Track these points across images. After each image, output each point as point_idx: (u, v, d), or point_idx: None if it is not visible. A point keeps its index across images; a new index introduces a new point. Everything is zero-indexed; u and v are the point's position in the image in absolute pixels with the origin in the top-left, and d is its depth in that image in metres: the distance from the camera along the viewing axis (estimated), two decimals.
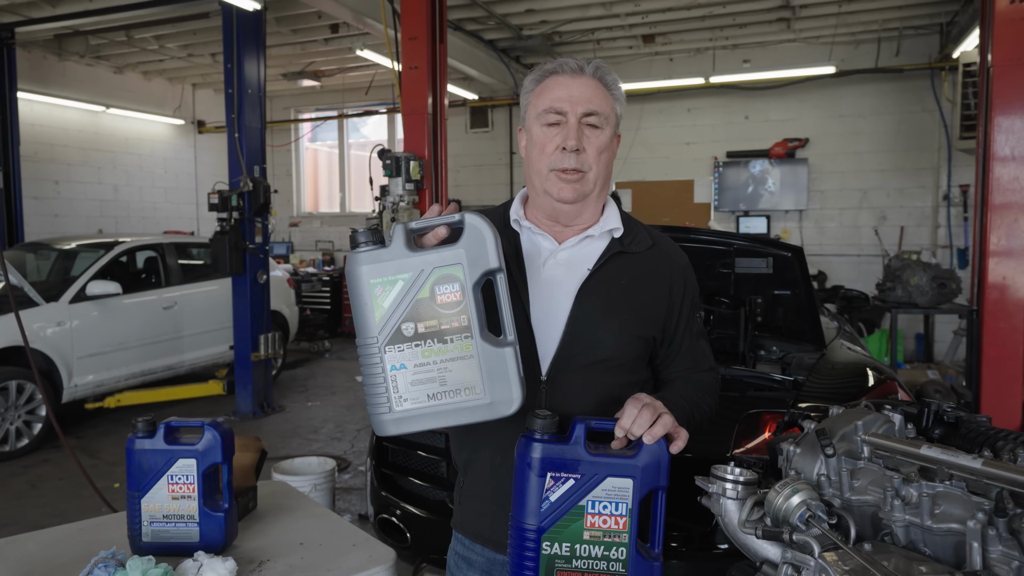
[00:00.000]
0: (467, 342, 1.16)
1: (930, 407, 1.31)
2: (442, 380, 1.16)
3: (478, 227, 1.17)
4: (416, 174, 4.96)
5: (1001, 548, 0.93)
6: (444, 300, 1.16)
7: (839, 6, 7.45)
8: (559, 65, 1.42)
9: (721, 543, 2.27)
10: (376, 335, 1.16)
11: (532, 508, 1.14)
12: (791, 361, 3.01)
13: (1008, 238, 3.78)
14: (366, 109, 11.09)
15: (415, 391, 1.16)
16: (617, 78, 1.46)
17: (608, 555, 1.14)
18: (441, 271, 1.16)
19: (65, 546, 1.59)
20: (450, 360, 1.16)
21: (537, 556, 1.14)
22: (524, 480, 1.15)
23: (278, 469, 3.67)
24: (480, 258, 1.16)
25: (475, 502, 1.48)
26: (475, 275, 1.16)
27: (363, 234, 1.18)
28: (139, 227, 10.29)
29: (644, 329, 1.43)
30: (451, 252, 1.16)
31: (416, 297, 1.16)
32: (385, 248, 1.17)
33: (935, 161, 8.40)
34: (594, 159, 1.39)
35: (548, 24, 8.05)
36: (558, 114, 1.39)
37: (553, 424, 1.16)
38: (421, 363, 1.16)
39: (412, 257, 1.16)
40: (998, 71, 3.77)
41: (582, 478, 1.14)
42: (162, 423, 1.55)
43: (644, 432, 1.16)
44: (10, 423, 5.32)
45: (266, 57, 6.51)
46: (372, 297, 1.16)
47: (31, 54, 8.65)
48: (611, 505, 1.14)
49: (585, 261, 1.43)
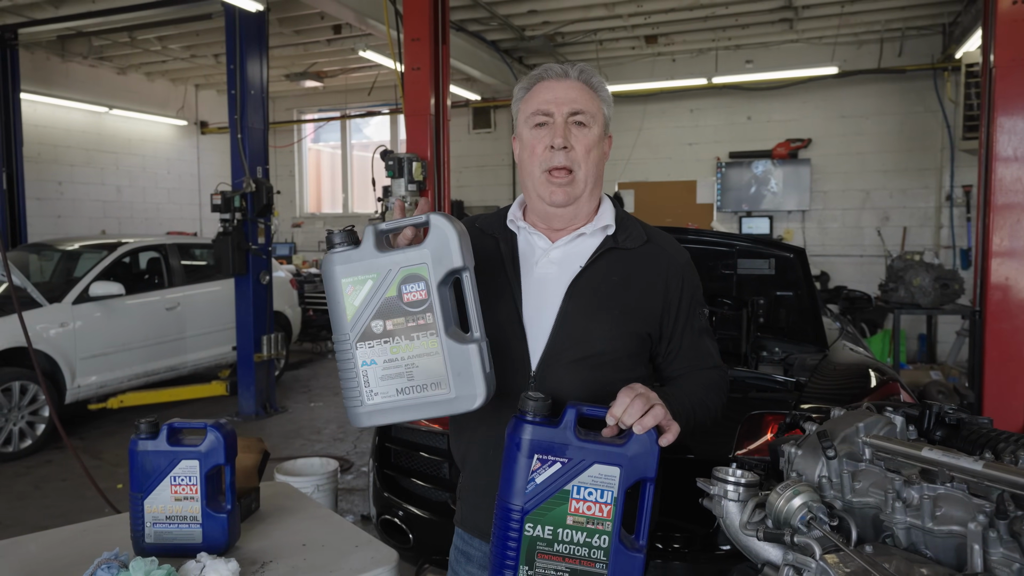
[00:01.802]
0: (432, 339, 1.19)
1: (931, 409, 1.31)
2: (410, 375, 1.20)
3: (442, 227, 1.20)
4: (419, 175, 4.97)
5: (1002, 550, 0.93)
6: (411, 298, 1.20)
7: (841, 7, 7.44)
8: (544, 70, 1.46)
9: (723, 545, 2.27)
10: (348, 332, 1.21)
11: (518, 488, 1.16)
12: (793, 362, 3.01)
13: (1011, 239, 3.77)
14: (369, 110, 11.11)
15: (384, 385, 1.21)
16: (603, 80, 1.49)
17: (590, 542, 1.15)
18: (407, 270, 1.20)
19: (68, 547, 1.59)
20: (417, 356, 1.20)
21: (520, 536, 1.15)
22: (512, 460, 1.17)
23: (281, 470, 3.68)
24: (444, 257, 1.19)
25: (471, 496, 1.52)
26: (440, 274, 1.19)
27: (338, 235, 1.22)
28: (142, 228, 10.31)
29: (637, 326, 1.43)
30: (416, 252, 1.20)
31: (384, 296, 1.20)
32: (355, 249, 1.22)
33: (938, 161, 8.38)
34: (583, 156, 1.42)
35: (550, 25, 8.05)
36: (545, 115, 1.42)
37: (545, 407, 1.18)
38: (390, 359, 1.20)
39: (381, 257, 1.20)
40: (1000, 72, 3.76)
41: (569, 462, 1.15)
42: (165, 424, 1.55)
43: (635, 421, 1.16)
44: (13, 424, 5.33)
45: (269, 58, 6.52)
46: (344, 296, 1.21)
47: (34, 55, 8.67)
48: (596, 492, 1.15)
49: (578, 258, 1.45)
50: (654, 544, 2.30)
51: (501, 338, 1.42)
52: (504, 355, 1.42)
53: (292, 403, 6.96)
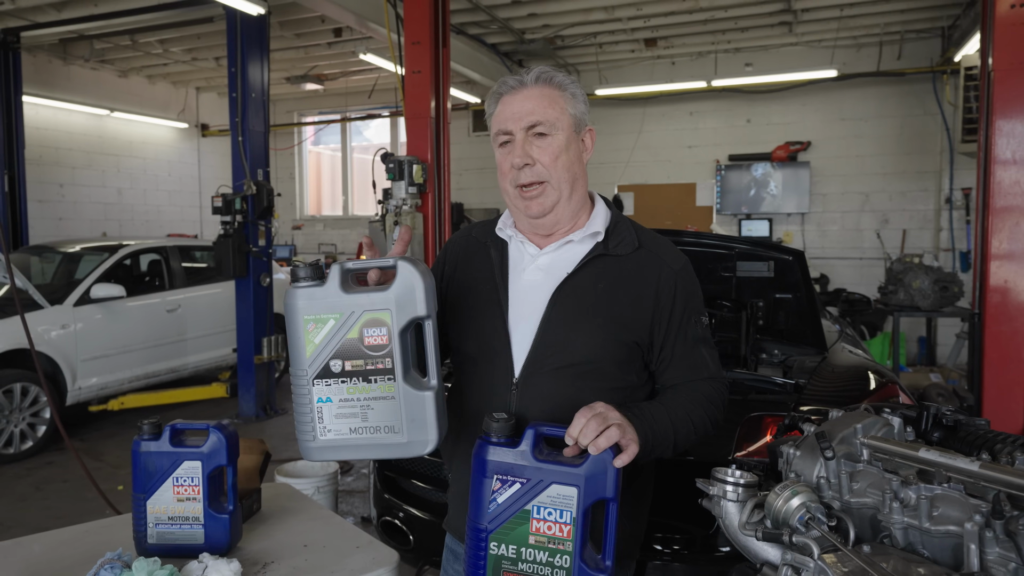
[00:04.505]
0: (390, 384, 1.20)
1: (929, 410, 1.32)
2: (364, 416, 1.21)
3: (409, 275, 1.19)
4: (419, 178, 4.98)
5: (998, 550, 0.94)
6: (371, 342, 1.19)
7: (841, 10, 7.45)
8: (501, 85, 1.45)
9: (723, 546, 2.28)
10: (306, 368, 1.22)
11: (482, 508, 1.18)
12: (793, 364, 3.02)
13: (1010, 241, 3.78)
14: (369, 113, 11.12)
15: (338, 423, 1.22)
16: (566, 77, 1.45)
17: (552, 561, 1.16)
18: (370, 314, 1.19)
19: (71, 548, 1.60)
20: (373, 399, 1.21)
21: (486, 555, 1.18)
22: (476, 481, 1.20)
23: (281, 471, 3.68)
24: (408, 304, 1.19)
25: (456, 499, 1.55)
26: (402, 321, 1.19)
27: (303, 269, 1.22)
28: (143, 230, 10.32)
29: (623, 334, 1.41)
30: (381, 296, 1.19)
31: (345, 336, 1.20)
32: (320, 287, 1.20)
33: (937, 164, 8.39)
34: (550, 165, 1.40)
35: (550, 28, 8.07)
36: (506, 134, 1.42)
37: (508, 428, 1.19)
38: (345, 398, 1.21)
39: (344, 297, 1.20)
40: (999, 75, 3.78)
41: (528, 483, 1.16)
42: (168, 425, 1.56)
43: (589, 442, 1.16)
44: (15, 425, 5.34)
45: (270, 61, 6.54)
46: (305, 332, 1.21)
47: (36, 58, 8.69)
48: (556, 512, 1.16)
49: (565, 266, 1.44)
50: (653, 546, 2.31)
51: (487, 345, 1.44)
52: (489, 362, 1.43)
53: (292, 405, 6.94)
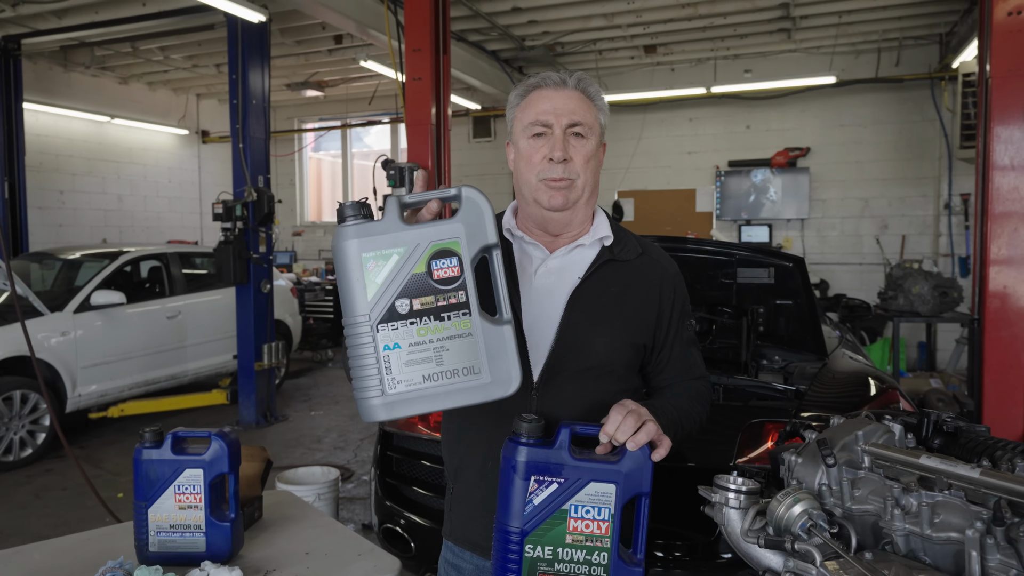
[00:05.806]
0: (465, 319, 1.11)
1: (929, 417, 1.32)
2: (439, 359, 1.11)
3: (476, 201, 1.14)
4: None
5: (999, 556, 0.94)
6: (441, 275, 1.11)
7: (839, 17, 7.48)
8: (542, 79, 1.45)
9: (725, 553, 2.28)
10: (368, 312, 1.10)
11: (516, 511, 1.15)
12: (793, 370, 3.02)
13: (1008, 247, 3.79)
14: (369, 119, 11.15)
15: (409, 372, 1.10)
16: (599, 90, 1.48)
17: (590, 559, 1.15)
18: (438, 245, 1.11)
19: (72, 556, 1.60)
20: (447, 338, 1.11)
21: (520, 559, 1.15)
22: (509, 483, 1.16)
23: (282, 479, 3.68)
24: (479, 232, 1.13)
25: (465, 508, 1.50)
26: (473, 250, 1.12)
27: (351, 207, 1.12)
28: (143, 237, 10.32)
29: (634, 336, 1.45)
30: (449, 226, 1.12)
31: (411, 272, 1.10)
32: (377, 221, 1.12)
33: (936, 170, 8.42)
34: (582, 167, 1.42)
35: (550, 35, 8.10)
36: (544, 126, 1.41)
37: (539, 428, 1.17)
38: (416, 342, 1.10)
39: (408, 231, 1.11)
40: (996, 82, 3.79)
41: (565, 482, 1.15)
42: (169, 433, 1.56)
43: (628, 438, 1.17)
44: (14, 433, 5.33)
45: (270, 68, 6.56)
46: (364, 272, 1.10)
47: (37, 65, 8.71)
48: (594, 510, 1.15)
49: (576, 269, 1.45)
50: (655, 552, 2.31)
51: None
52: None
53: (292, 412, 6.95)
